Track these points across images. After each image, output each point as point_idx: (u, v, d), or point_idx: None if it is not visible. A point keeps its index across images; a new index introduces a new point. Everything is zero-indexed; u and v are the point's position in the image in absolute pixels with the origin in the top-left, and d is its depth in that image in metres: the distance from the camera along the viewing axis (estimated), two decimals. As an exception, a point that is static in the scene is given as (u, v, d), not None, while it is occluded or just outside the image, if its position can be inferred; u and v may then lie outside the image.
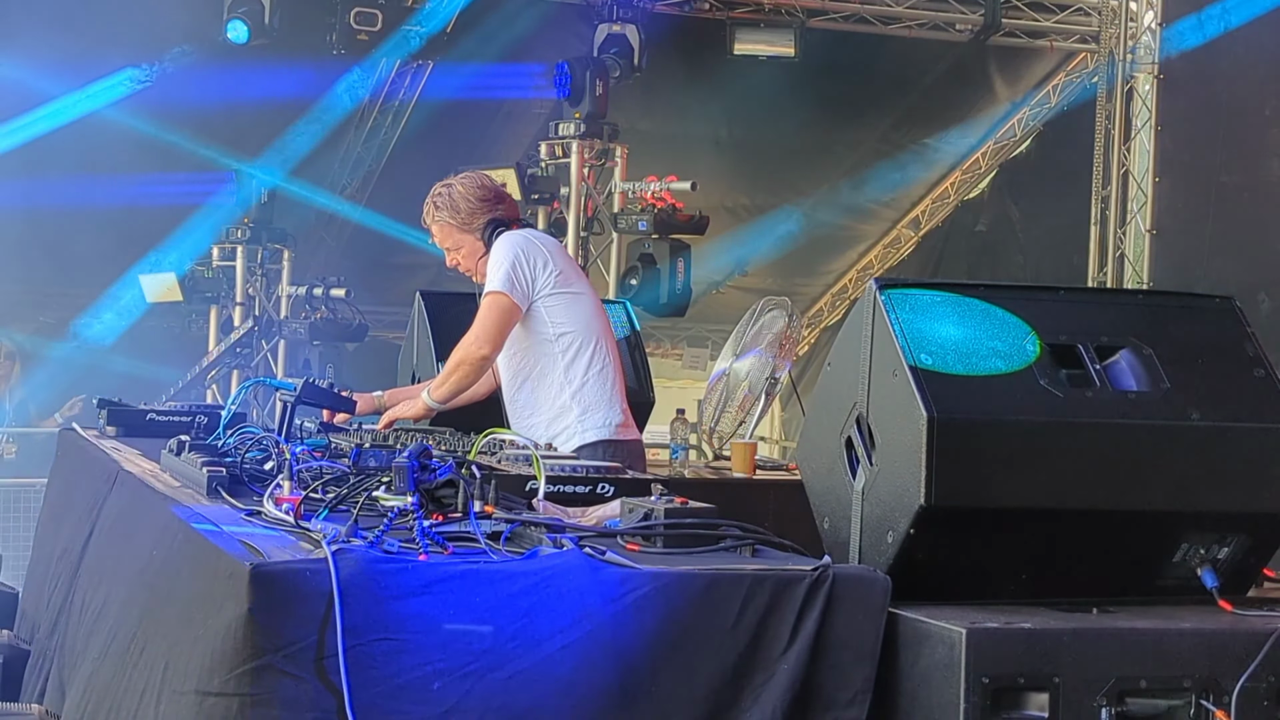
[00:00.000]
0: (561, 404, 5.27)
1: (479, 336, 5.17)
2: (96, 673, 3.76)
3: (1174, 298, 3.67)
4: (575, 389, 5.26)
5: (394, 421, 5.33)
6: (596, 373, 5.30)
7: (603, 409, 5.28)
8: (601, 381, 5.30)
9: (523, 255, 5.23)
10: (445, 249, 5.52)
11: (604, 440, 5.26)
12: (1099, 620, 3.14)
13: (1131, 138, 13.53)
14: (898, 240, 15.63)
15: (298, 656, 2.84)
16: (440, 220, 5.45)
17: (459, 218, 5.41)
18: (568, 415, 5.26)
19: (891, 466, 3.28)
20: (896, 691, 3.12)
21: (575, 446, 5.19)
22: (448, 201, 5.43)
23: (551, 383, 5.29)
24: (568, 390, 5.27)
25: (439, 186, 5.50)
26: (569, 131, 11.37)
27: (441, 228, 5.46)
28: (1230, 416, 3.36)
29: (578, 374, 5.27)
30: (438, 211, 5.45)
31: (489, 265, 5.29)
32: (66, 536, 5.11)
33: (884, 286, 3.41)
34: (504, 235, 5.35)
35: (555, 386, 5.28)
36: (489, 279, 5.24)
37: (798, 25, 12.63)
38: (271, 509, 3.46)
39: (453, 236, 5.45)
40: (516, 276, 5.19)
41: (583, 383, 5.27)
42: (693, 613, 3.05)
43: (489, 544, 3.11)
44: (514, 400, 5.38)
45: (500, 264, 5.21)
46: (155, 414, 5.81)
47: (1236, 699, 3.04)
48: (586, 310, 5.36)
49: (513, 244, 5.28)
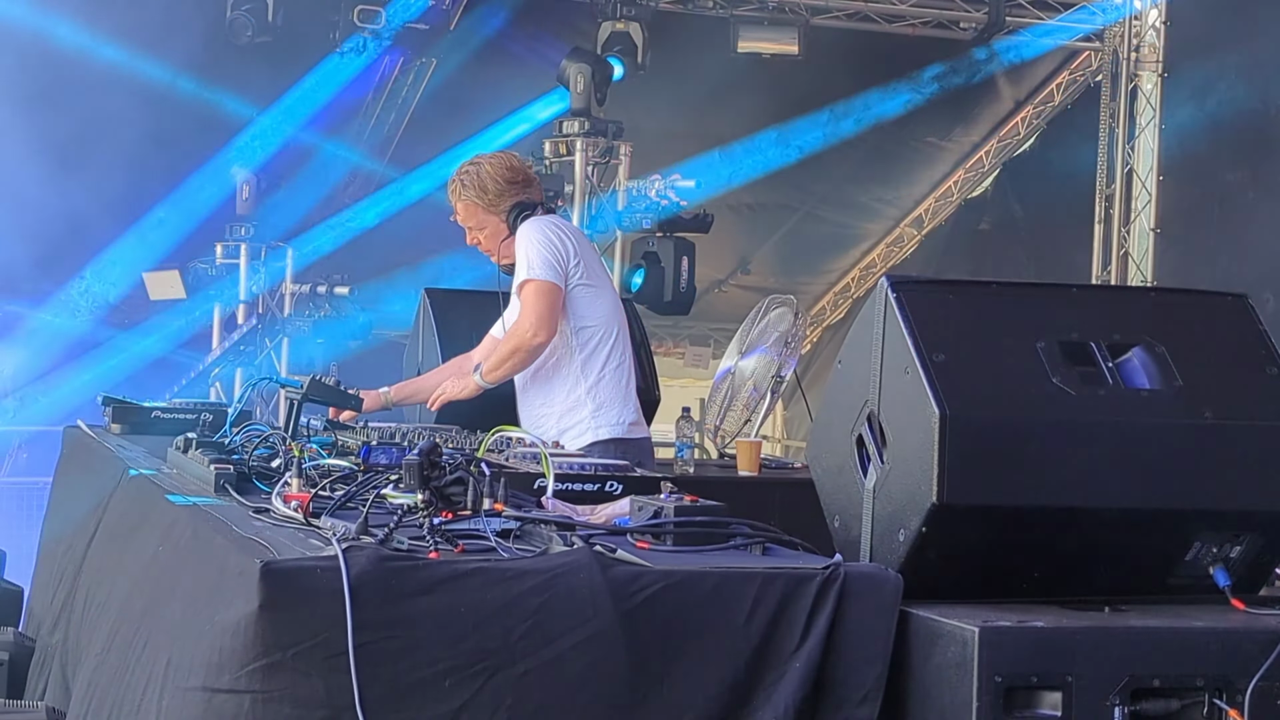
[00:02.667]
0: (576, 398, 5.27)
1: (533, 324, 5.12)
2: (99, 669, 3.75)
3: (1186, 295, 3.66)
4: (591, 384, 5.25)
5: (447, 401, 5.32)
6: (613, 369, 5.30)
7: (616, 406, 5.28)
8: (617, 378, 5.30)
9: (556, 241, 5.21)
10: (467, 227, 5.44)
11: (616, 438, 5.25)
12: (1112, 619, 3.13)
13: (1135, 136, 13.53)
14: (901, 239, 15.62)
15: (308, 654, 2.83)
16: (466, 199, 5.37)
17: (486, 198, 5.34)
18: (581, 410, 5.26)
19: (903, 464, 3.27)
20: (908, 690, 3.11)
21: (587, 443, 5.19)
22: (475, 180, 5.34)
23: (566, 376, 5.27)
24: (583, 385, 5.26)
25: (466, 164, 5.43)
26: (573, 129, 11.36)
27: (467, 206, 5.38)
28: (1243, 415, 3.35)
29: (594, 369, 5.26)
30: (464, 190, 5.36)
31: (518, 249, 5.23)
32: (71, 533, 5.10)
33: (895, 283, 3.40)
34: (532, 220, 5.32)
35: (570, 380, 5.27)
36: (523, 264, 5.19)
37: (801, 23, 12.63)
38: (280, 506, 3.45)
39: (477, 216, 5.38)
40: (555, 261, 5.16)
41: (599, 378, 5.26)
42: (704, 611, 3.04)
43: (499, 542, 3.10)
44: (526, 390, 5.35)
45: (537, 249, 5.17)
46: (160, 411, 5.80)
47: (1250, 698, 3.03)
48: (607, 305, 5.35)
49: (544, 229, 5.25)
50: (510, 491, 3.38)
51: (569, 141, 11.45)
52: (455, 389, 5.34)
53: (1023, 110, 14.43)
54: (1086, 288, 3.68)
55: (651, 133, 12.55)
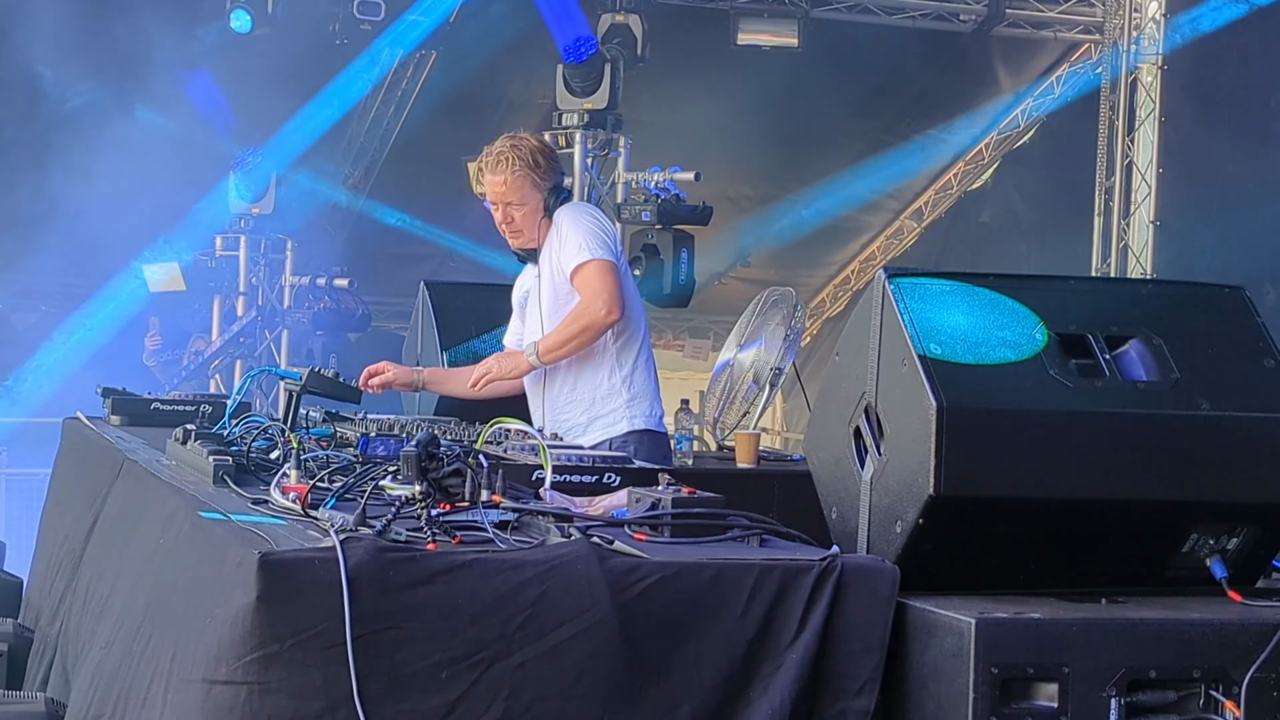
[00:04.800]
0: (611, 386, 5.19)
1: (606, 302, 5.00)
2: (104, 661, 3.75)
3: (1184, 287, 3.66)
4: (626, 374, 5.19)
5: (492, 380, 5.22)
6: (644, 362, 5.24)
7: (649, 399, 5.23)
8: (648, 371, 5.26)
9: (608, 224, 5.19)
10: (506, 203, 5.19)
11: (650, 430, 5.21)
12: (1108, 610, 3.14)
13: (1135, 128, 13.53)
14: (900, 231, 15.64)
15: (306, 645, 2.84)
16: (517, 171, 5.14)
17: (538, 172, 5.17)
18: (615, 399, 5.19)
19: (900, 456, 3.28)
20: (905, 681, 3.11)
21: (623, 432, 5.15)
22: (529, 154, 5.16)
23: (601, 364, 5.18)
24: (618, 374, 5.19)
25: (506, 139, 5.22)
26: (572, 122, 11.36)
27: (517, 179, 5.15)
28: (1240, 407, 3.35)
29: (629, 359, 5.20)
30: (517, 162, 5.14)
31: (566, 232, 5.11)
32: (70, 524, 5.10)
33: (893, 276, 3.40)
34: (575, 204, 5.26)
35: (605, 369, 5.18)
36: (576, 246, 5.06)
37: (801, 15, 12.63)
38: (279, 498, 3.45)
39: (522, 190, 5.16)
40: (612, 243, 5.11)
41: (633, 369, 5.20)
42: (701, 602, 3.04)
43: (497, 533, 3.10)
44: (552, 372, 5.22)
45: (593, 230, 5.09)
46: (160, 403, 5.81)
47: (1246, 689, 3.03)
48: (636, 299, 5.31)
49: (593, 213, 5.22)
50: (508, 483, 3.38)
51: (568, 134, 11.45)
52: (504, 368, 5.23)
53: (1023, 103, 14.43)
54: (1084, 279, 3.68)
55: (651, 125, 12.55)
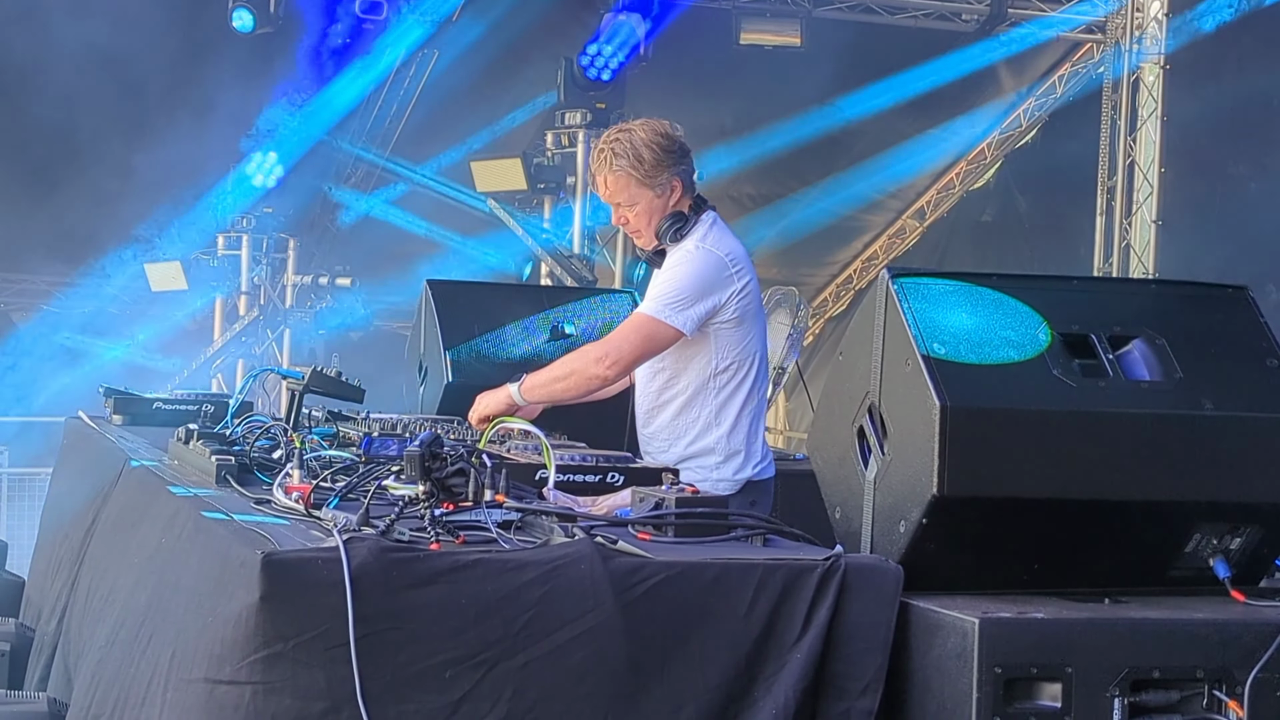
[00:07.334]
0: (703, 446, 4.65)
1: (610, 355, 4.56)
2: (104, 660, 3.75)
3: (1187, 287, 3.66)
4: (724, 433, 4.63)
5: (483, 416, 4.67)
6: (751, 410, 4.67)
7: (742, 455, 4.65)
8: (752, 419, 4.68)
9: (720, 280, 4.57)
10: (615, 204, 4.72)
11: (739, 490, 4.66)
12: (1111, 610, 3.14)
13: (1137, 128, 13.52)
14: (903, 230, 15.62)
15: (309, 645, 2.84)
16: (619, 170, 4.62)
17: (642, 168, 4.60)
18: (707, 458, 4.64)
19: (904, 456, 3.27)
20: (909, 681, 3.12)
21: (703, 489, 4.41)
22: (630, 149, 4.61)
23: (697, 419, 4.65)
24: (713, 433, 4.64)
25: (614, 131, 4.71)
26: (575, 121, 11.37)
27: (618, 178, 4.63)
28: (1243, 407, 3.35)
29: (730, 416, 4.63)
30: (617, 160, 4.62)
31: (675, 264, 4.64)
32: (70, 524, 5.10)
33: (897, 276, 3.40)
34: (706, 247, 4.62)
35: (701, 424, 4.64)
36: (655, 293, 4.62)
37: (804, 15, 12.62)
38: (281, 497, 3.45)
39: (629, 190, 4.64)
40: (700, 304, 4.54)
41: (734, 426, 4.63)
42: (704, 602, 3.04)
43: (500, 533, 3.11)
44: (650, 416, 4.74)
45: (680, 286, 4.56)
46: (162, 402, 5.80)
47: (1249, 689, 3.03)
48: (756, 334, 4.71)
49: (705, 267, 4.58)
50: (512, 483, 3.38)
51: (570, 133, 11.45)
52: (490, 403, 4.72)
53: (1025, 102, 14.42)
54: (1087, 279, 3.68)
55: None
